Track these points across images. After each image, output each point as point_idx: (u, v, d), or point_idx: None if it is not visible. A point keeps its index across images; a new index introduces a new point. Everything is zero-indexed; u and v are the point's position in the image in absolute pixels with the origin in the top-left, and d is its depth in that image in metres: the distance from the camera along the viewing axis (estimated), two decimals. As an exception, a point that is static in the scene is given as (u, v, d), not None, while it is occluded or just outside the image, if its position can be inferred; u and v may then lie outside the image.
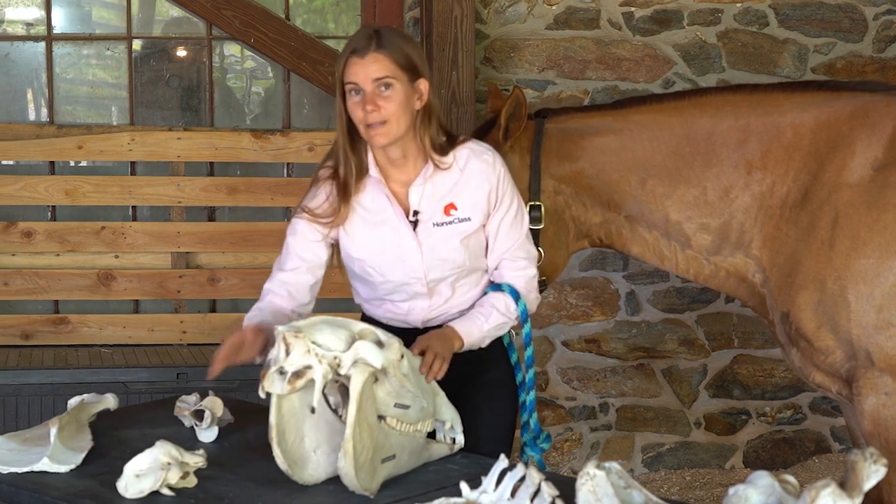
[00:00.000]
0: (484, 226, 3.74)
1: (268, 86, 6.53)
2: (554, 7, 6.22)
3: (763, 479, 2.43)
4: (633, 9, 6.28)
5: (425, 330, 3.69)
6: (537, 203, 4.32)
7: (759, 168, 4.22)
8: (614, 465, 2.52)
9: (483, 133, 4.42)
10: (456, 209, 3.69)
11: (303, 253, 3.69)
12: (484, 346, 3.70)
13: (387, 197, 3.67)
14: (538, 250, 4.29)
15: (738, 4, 6.34)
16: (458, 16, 5.92)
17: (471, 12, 5.95)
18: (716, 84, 6.21)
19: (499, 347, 3.85)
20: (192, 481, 3.00)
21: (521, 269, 3.79)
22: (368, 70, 3.52)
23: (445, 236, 3.68)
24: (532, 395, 3.93)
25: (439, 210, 3.68)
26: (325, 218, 3.66)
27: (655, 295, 6.38)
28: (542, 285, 4.44)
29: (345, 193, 3.65)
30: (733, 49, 6.35)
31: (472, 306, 3.76)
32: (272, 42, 6.18)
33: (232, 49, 6.44)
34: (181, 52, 6.35)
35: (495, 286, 3.77)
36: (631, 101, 4.50)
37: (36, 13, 6.17)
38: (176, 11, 6.29)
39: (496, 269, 3.79)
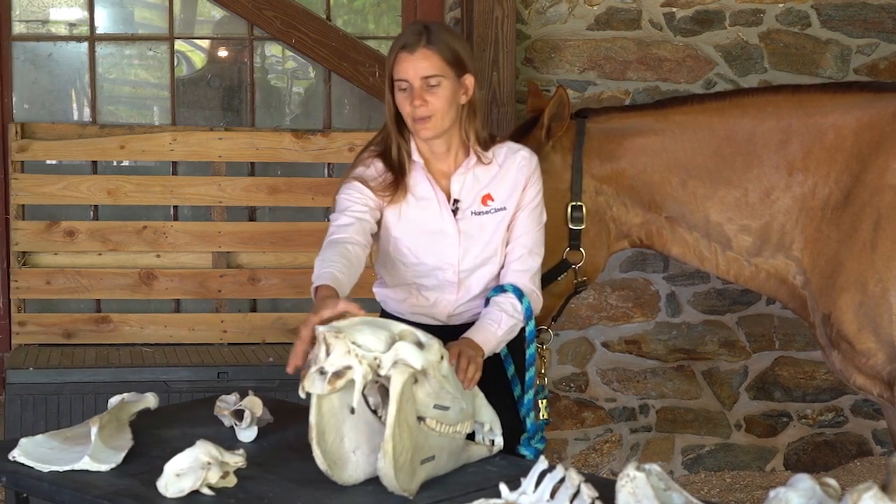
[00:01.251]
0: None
1: (308, 86, 6.54)
2: (595, 7, 6.21)
3: (804, 481, 2.42)
4: (674, 9, 6.26)
5: (449, 327, 3.75)
6: (579, 203, 4.32)
7: (800, 169, 4.20)
8: (654, 467, 2.51)
9: (524, 132, 4.43)
10: (493, 200, 3.80)
11: (362, 201, 3.71)
12: (498, 351, 3.73)
13: (430, 182, 3.78)
14: (580, 251, 4.30)
15: (781, 5, 6.30)
16: (499, 16, 5.91)
17: (511, 13, 5.94)
18: (757, 85, 6.18)
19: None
20: (231, 481, 3.00)
21: (523, 262, 3.80)
22: (417, 67, 3.64)
23: (482, 225, 3.79)
24: (530, 394, 3.92)
25: (478, 200, 3.79)
26: (382, 191, 3.73)
27: (696, 296, 6.36)
28: (582, 286, 4.45)
29: (399, 172, 3.75)
30: (775, 50, 6.32)
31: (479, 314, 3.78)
32: (313, 42, 6.19)
33: (273, 49, 6.46)
34: (223, 53, 6.37)
35: (498, 288, 3.79)
36: (672, 101, 4.49)
37: (79, 14, 6.20)
38: (217, 12, 6.31)
39: (506, 259, 3.82)
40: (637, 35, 6.25)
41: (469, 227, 3.78)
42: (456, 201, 3.79)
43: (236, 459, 3.01)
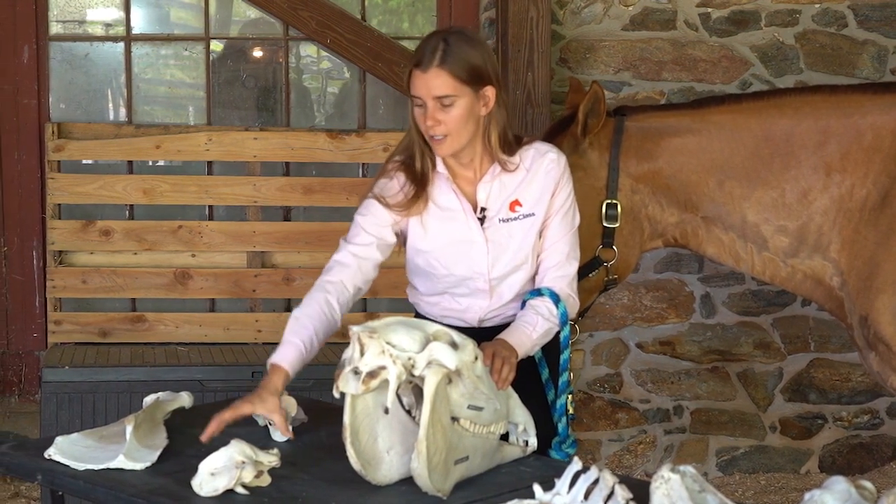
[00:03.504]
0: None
1: (343, 86, 6.55)
2: (630, 8, 6.20)
3: (839, 484, 2.42)
4: (709, 9, 6.23)
5: (480, 329, 3.73)
6: (614, 202, 4.31)
7: (838, 170, 4.18)
8: (689, 469, 2.51)
9: (560, 129, 4.42)
10: (521, 206, 3.74)
11: (374, 231, 3.70)
12: (533, 354, 3.70)
13: (455, 192, 3.73)
14: (613, 249, 4.29)
15: (817, 5, 6.28)
16: (534, 17, 5.91)
17: (546, 13, 5.94)
18: (793, 86, 6.15)
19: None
20: (265, 480, 3.01)
21: (561, 268, 3.76)
22: (430, 86, 3.55)
23: (511, 232, 3.73)
24: (563, 399, 3.89)
25: (505, 207, 3.73)
26: (400, 207, 3.70)
27: (731, 297, 6.34)
28: (613, 284, 4.45)
29: (422, 184, 3.71)
30: (811, 50, 6.29)
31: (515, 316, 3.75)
32: (348, 42, 6.20)
33: (308, 49, 6.47)
34: (258, 53, 6.39)
35: (535, 291, 3.76)
36: (709, 100, 4.48)
37: (115, 14, 6.23)
38: (253, 12, 6.32)
39: (542, 266, 3.78)
40: (672, 35, 6.23)
41: (497, 234, 3.73)
42: (483, 209, 3.73)
43: (270, 458, 3.02)
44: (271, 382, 3.38)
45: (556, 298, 3.71)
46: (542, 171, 3.74)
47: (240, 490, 2.96)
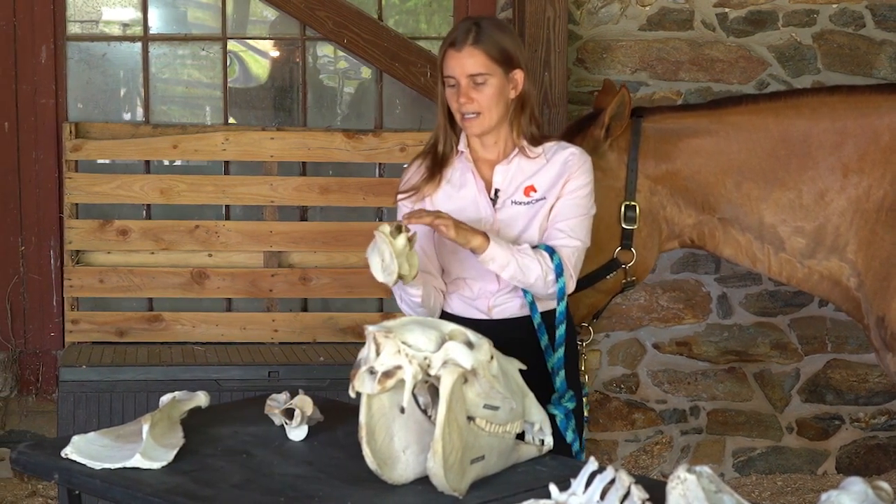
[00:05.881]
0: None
1: (360, 86, 6.55)
2: (647, 8, 6.19)
3: (856, 485, 2.41)
4: (727, 10, 6.23)
5: (491, 321, 3.77)
6: (633, 203, 4.31)
7: (855, 171, 4.17)
8: (705, 470, 2.50)
9: (579, 129, 4.43)
10: (535, 191, 3.80)
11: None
12: (505, 276, 3.68)
13: (472, 173, 3.83)
14: (631, 251, 4.29)
15: (834, 5, 6.26)
16: (551, 17, 5.91)
17: (563, 13, 5.93)
18: (811, 86, 6.14)
19: (528, 328, 3.84)
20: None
21: (559, 241, 3.76)
22: (464, 65, 3.69)
23: (521, 214, 3.79)
24: (560, 352, 3.84)
25: (520, 191, 3.81)
26: (413, 190, 3.82)
27: (748, 298, 6.33)
28: (631, 285, 4.45)
29: (439, 165, 3.82)
30: (829, 50, 6.28)
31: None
32: (365, 43, 6.20)
33: (325, 49, 6.48)
34: (275, 53, 6.40)
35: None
36: (726, 101, 4.47)
37: (132, 14, 6.24)
38: (270, 12, 6.33)
39: (545, 241, 3.79)
40: (689, 35, 6.23)
41: (507, 216, 3.79)
42: (497, 191, 3.81)
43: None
44: None
45: (550, 251, 3.72)
46: (560, 161, 3.80)
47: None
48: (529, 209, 3.79)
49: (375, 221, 6.08)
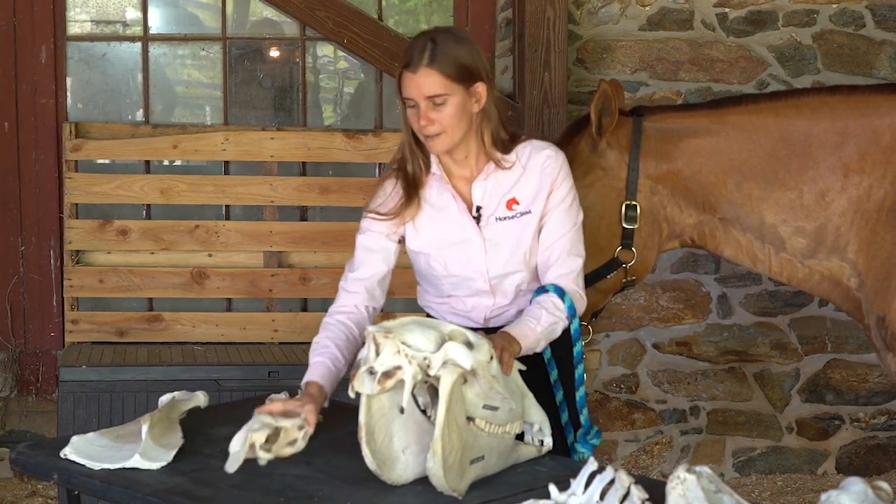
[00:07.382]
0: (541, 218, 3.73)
1: (360, 86, 6.55)
2: (647, 8, 6.19)
3: (856, 485, 2.41)
4: (727, 10, 6.23)
5: (486, 329, 3.67)
6: (634, 203, 4.31)
7: (856, 171, 4.17)
8: (705, 470, 2.51)
9: (577, 129, 4.42)
10: (518, 203, 3.71)
11: (373, 246, 3.74)
12: (540, 349, 3.62)
13: (450, 193, 3.72)
14: (632, 250, 4.29)
15: (834, 5, 6.26)
16: (551, 17, 5.91)
17: (563, 13, 5.93)
18: (811, 86, 6.14)
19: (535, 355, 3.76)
20: (299, 446, 3.04)
21: (563, 265, 3.71)
22: (420, 86, 3.54)
23: (507, 230, 3.70)
24: (581, 390, 3.86)
25: (502, 205, 3.71)
26: (392, 215, 3.72)
27: (747, 298, 6.33)
28: (631, 285, 4.44)
29: (414, 188, 3.72)
30: (829, 50, 6.28)
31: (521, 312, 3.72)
32: (365, 43, 6.20)
33: (325, 49, 6.48)
34: (275, 53, 6.40)
35: (540, 289, 3.71)
36: (727, 101, 4.47)
37: (133, 14, 6.24)
38: (270, 12, 6.33)
39: (544, 264, 3.73)
40: (689, 36, 6.23)
41: (493, 233, 3.70)
42: (478, 208, 3.71)
43: (293, 423, 3.05)
44: (306, 393, 3.40)
45: (560, 292, 3.66)
46: (538, 167, 3.71)
47: (261, 455, 2.98)
48: (515, 224, 3.70)
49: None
